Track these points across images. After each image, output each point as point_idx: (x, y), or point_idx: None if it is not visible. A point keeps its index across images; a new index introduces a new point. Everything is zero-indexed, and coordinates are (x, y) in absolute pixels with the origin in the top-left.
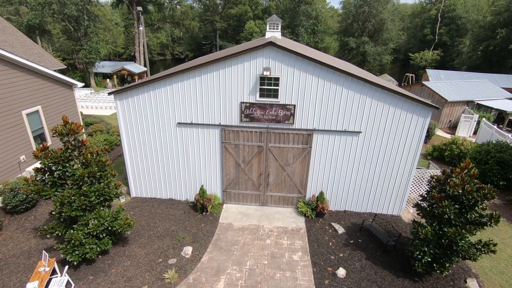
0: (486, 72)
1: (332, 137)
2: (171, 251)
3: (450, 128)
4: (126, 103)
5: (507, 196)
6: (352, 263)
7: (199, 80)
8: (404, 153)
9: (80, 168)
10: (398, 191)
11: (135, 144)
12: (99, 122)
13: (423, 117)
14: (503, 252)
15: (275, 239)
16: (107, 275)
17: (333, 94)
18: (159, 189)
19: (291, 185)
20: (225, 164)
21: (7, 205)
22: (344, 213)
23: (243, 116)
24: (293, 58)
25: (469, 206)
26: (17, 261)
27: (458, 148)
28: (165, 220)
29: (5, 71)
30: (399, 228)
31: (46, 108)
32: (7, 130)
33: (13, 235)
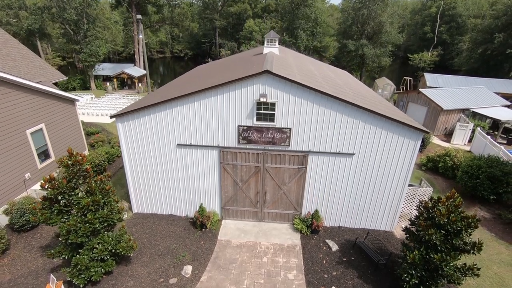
0: (483, 76)
1: (327, 158)
2: (171, 270)
3: (446, 136)
4: (127, 125)
5: (497, 210)
6: (344, 282)
7: (197, 105)
8: (396, 173)
9: (85, 196)
10: (390, 208)
11: (136, 163)
12: (100, 131)
13: (414, 140)
14: (489, 270)
15: (271, 257)
16: None
17: (327, 118)
18: (160, 206)
19: (287, 203)
20: (224, 182)
21: (14, 224)
22: (338, 229)
23: (241, 138)
24: (288, 84)
25: (454, 234)
26: (26, 281)
27: (451, 160)
28: (166, 237)
29: (10, 93)
30: (391, 245)
31: (49, 125)
32: (12, 150)
33: (20, 254)
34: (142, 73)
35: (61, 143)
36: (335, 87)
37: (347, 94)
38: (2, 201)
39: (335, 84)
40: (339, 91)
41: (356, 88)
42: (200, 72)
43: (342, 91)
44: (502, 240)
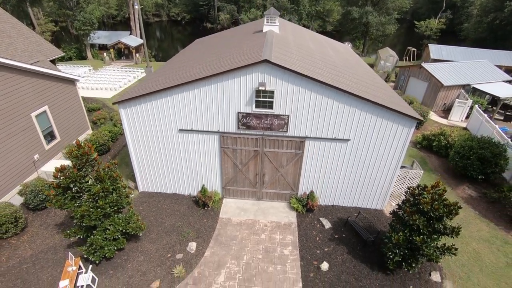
0: (490, 46)
1: (323, 143)
2: (178, 247)
3: (444, 111)
4: (129, 111)
5: (483, 190)
6: (335, 257)
7: (198, 92)
8: (389, 158)
9: (95, 183)
10: (382, 189)
11: (140, 147)
12: (101, 107)
13: (408, 127)
14: (469, 246)
15: (269, 234)
16: (124, 270)
17: (324, 105)
18: (164, 185)
19: (285, 184)
20: (224, 165)
21: (29, 204)
22: (332, 208)
23: (240, 124)
24: (287, 73)
25: (436, 219)
26: (46, 257)
27: (445, 139)
28: (171, 215)
29: (12, 77)
30: (380, 223)
31: (52, 107)
32: (19, 134)
33: (38, 232)
34: (139, 43)
35: (65, 124)
36: (333, 71)
37: (344, 77)
38: (15, 182)
39: (334, 67)
40: (336, 76)
41: (355, 68)
42: (199, 50)
43: (340, 76)
44: (484, 218)
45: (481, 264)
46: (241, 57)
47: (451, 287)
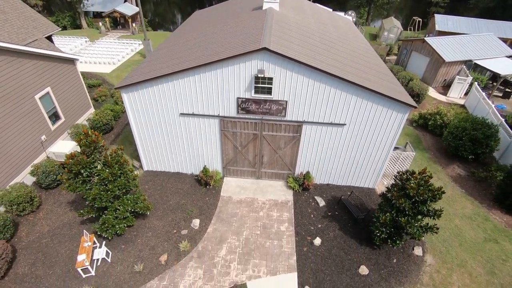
0: (499, 17)
1: (320, 128)
2: (182, 223)
3: (444, 87)
4: (132, 96)
5: (472, 169)
6: (327, 233)
7: (198, 78)
8: (383, 141)
9: (104, 168)
10: (375, 170)
11: (143, 129)
12: (101, 83)
13: (402, 113)
14: (451, 222)
15: (267, 211)
16: (135, 244)
17: (322, 91)
18: (168, 165)
19: (282, 164)
20: (225, 147)
21: (42, 184)
22: (326, 186)
23: (240, 109)
24: (286, 60)
25: (420, 202)
26: (62, 232)
27: (441, 119)
28: (175, 194)
29: (15, 61)
30: (371, 201)
31: (55, 88)
32: (26, 117)
33: (52, 209)
34: (135, 11)
35: (68, 104)
36: (332, 54)
37: (343, 61)
38: (26, 163)
39: (333, 49)
40: (335, 60)
41: (354, 48)
42: (198, 28)
43: (338, 60)
44: (470, 196)
45: (461, 239)
46: (240, 42)
47: (431, 260)
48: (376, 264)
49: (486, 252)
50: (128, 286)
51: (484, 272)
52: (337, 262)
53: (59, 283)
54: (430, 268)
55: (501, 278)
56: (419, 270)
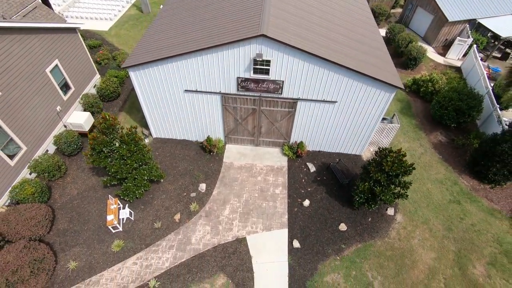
0: None
1: (313, 104)
2: (191, 187)
3: (444, 47)
4: (139, 74)
5: (453, 136)
6: (315, 196)
7: (200, 59)
8: (370, 115)
9: (121, 145)
10: (362, 139)
11: (150, 102)
12: (101, 44)
13: (389, 92)
14: (424, 186)
15: (264, 176)
16: (152, 205)
17: (316, 73)
18: (174, 132)
19: (279, 134)
20: (226, 119)
21: (65, 152)
22: (318, 153)
23: (240, 87)
24: (282, 46)
25: (394, 176)
26: (89, 195)
27: (432, 86)
28: (183, 160)
29: (22, 38)
30: (357, 167)
31: (62, 59)
32: (41, 91)
33: (77, 174)
34: None
35: (76, 72)
36: (328, 31)
37: (338, 40)
38: (47, 133)
39: (329, 28)
40: (330, 40)
41: (353, 17)
42: None
43: (333, 40)
44: (446, 162)
45: (428, 201)
46: (240, 23)
47: (400, 219)
48: (354, 222)
49: (448, 212)
50: (150, 239)
51: (443, 228)
52: (321, 220)
53: (94, 236)
54: (398, 225)
55: (456, 233)
56: (388, 227)
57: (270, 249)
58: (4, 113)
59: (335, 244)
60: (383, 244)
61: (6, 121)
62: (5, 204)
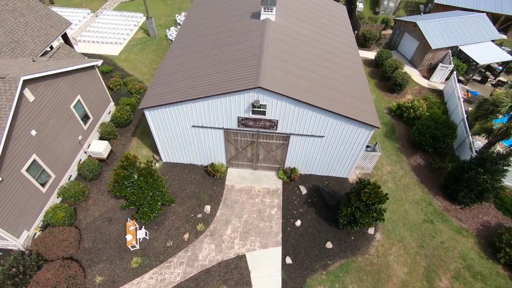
0: None
1: (304, 138)
2: (197, 208)
3: (429, 70)
4: (153, 113)
5: (431, 159)
6: (306, 216)
7: (206, 103)
8: (354, 146)
9: (139, 177)
10: (348, 165)
11: (162, 134)
12: (112, 69)
13: (369, 130)
14: (402, 207)
15: (261, 198)
16: (164, 226)
17: (305, 114)
18: (182, 157)
19: (274, 160)
20: (228, 148)
21: (86, 177)
22: (309, 176)
23: (240, 124)
24: (277, 95)
25: (371, 204)
26: (109, 216)
27: (414, 113)
28: (190, 183)
29: (52, 82)
30: (343, 189)
31: (83, 94)
32: (66, 125)
33: (98, 197)
34: None
35: (94, 103)
36: (317, 76)
37: (325, 84)
38: (70, 160)
39: (319, 69)
40: (318, 85)
41: (340, 57)
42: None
43: (321, 84)
44: (422, 184)
45: (405, 221)
46: (241, 73)
47: (379, 237)
48: (339, 241)
49: (422, 231)
50: (163, 257)
51: (416, 245)
52: (311, 239)
53: (115, 253)
54: (377, 243)
55: (427, 250)
56: (369, 245)
57: (266, 264)
58: (39, 149)
59: (322, 260)
60: (363, 260)
61: (40, 155)
62: (39, 226)
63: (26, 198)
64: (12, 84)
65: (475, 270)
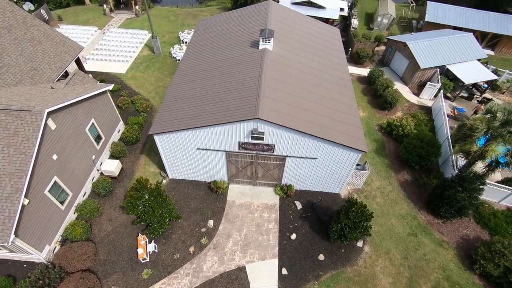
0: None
1: (298, 159)
2: (201, 223)
3: (419, 87)
4: (162, 138)
5: (417, 176)
6: (300, 230)
7: (210, 130)
8: (345, 167)
9: (150, 198)
10: (340, 181)
11: (169, 155)
12: (120, 88)
13: (357, 153)
14: (389, 220)
15: (260, 213)
16: (171, 239)
17: (299, 140)
18: (187, 174)
19: (272, 178)
20: (229, 168)
21: (100, 194)
22: (304, 192)
23: (240, 147)
24: (273, 124)
25: (358, 222)
26: (121, 230)
27: (402, 131)
28: (194, 199)
29: (71, 109)
30: (335, 204)
31: (97, 117)
32: (82, 147)
33: (111, 212)
34: None
35: (106, 124)
36: (312, 104)
37: (318, 111)
38: (85, 178)
39: (314, 97)
40: (312, 112)
41: (334, 90)
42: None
43: (314, 112)
44: (409, 199)
45: (391, 234)
46: (241, 103)
47: (367, 249)
48: (330, 253)
49: (406, 243)
50: (171, 268)
51: (400, 257)
52: (305, 251)
53: (128, 265)
54: (365, 255)
55: (410, 261)
56: (357, 257)
57: (264, 275)
58: (59, 171)
59: (314, 271)
60: (352, 271)
61: (60, 177)
62: (59, 240)
63: (48, 216)
64: (37, 116)
65: (453, 280)
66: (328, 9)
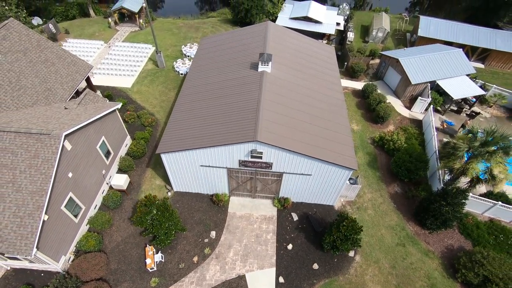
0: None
1: (294, 175)
2: (204, 234)
3: (410, 101)
4: (168, 156)
5: (407, 188)
6: (296, 241)
7: (213, 150)
8: (337, 182)
9: (157, 212)
10: (333, 194)
11: (174, 171)
12: (126, 102)
13: (348, 171)
14: (379, 231)
15: (259, 224)
16: (176, 250)
17: (294, 158)
18: (190, 187)
19: (270, 191)
20: (230, 182)
21: (110, 207)
22: (300, 204)
23: (241, 165)
24: (271, 145)
25: (349, 235)
26: (130, 241)
27: (393, 145)
28: (197, 211)
29: (84, 130)
30: (330, 215)
31: (107, 135)
32: (93, 163)
33: (120, 224)
34: (140, 5)
35: (114, 140)
36: (305, 125)
37: (311, 132)
38: (96, 192)
39: (308, 119)
40: (306, 133)
41: (328, 110)
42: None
43: (308, 132)
44: (398, 210)
45: (381, 244)
46: (241, 124)
47: (358, 259)
48: (324, 262)
49: (395, 253)
50: (177, 277)
51: (389, 266)
52: (300, 261)
53: (137, 274)
54: (356, 264)
55: (398, 270)
56: (349, 266)
57: (263, 283)
58: (74, 187)
59: (309, 279)
60: (344, 279)
61: (75, 193)
62: (73, 251)
63: (64, 229)
64: (56, 140)
65: None
66: (324, 24)
